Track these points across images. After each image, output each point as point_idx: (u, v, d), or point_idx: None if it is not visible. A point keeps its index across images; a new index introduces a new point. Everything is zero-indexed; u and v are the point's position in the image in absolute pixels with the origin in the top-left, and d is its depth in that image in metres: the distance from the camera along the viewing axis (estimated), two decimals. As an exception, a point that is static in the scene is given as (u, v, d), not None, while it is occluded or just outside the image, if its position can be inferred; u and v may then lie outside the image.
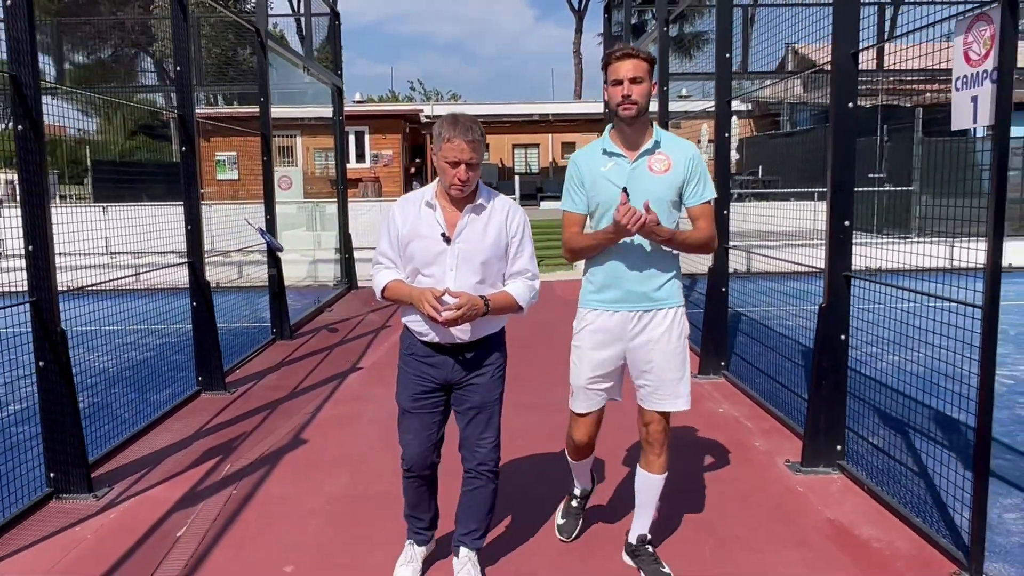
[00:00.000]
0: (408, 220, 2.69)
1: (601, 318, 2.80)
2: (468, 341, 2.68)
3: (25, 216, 3.58)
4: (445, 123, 2.57)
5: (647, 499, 2.90)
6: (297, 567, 3.03)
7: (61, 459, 3.70)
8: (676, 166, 2.72)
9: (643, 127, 2.73)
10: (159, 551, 3.19)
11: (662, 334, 2.77)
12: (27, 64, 3.48)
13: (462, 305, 2.53)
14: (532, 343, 6.74)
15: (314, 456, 4.29)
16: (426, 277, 2.66)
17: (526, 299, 2.74)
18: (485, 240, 2.66)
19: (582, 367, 2.86)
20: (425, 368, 2.73)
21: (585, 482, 3.23)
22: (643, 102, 2.66)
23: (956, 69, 2.83)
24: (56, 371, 3.66)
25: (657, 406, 2.80)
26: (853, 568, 2.92)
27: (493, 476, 2.81)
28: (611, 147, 2.76)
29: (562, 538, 3.17)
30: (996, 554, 3.00)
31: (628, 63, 2.64)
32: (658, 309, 2.77)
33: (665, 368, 2.77)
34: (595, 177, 2.76)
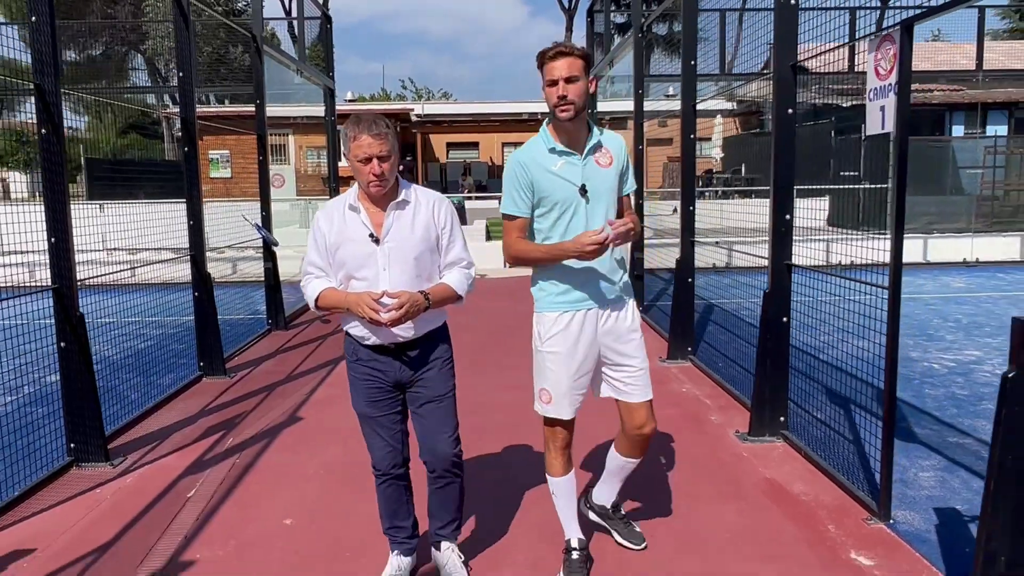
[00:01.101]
0: (334, 227, 2.65)
1: (575, 319, 2.74)
2: (412, 339, 2.67)
3: (48, 211, 3.97)
4: (349, 124, 2.58)
5: (621, 476, 3.04)
6: (296, 520, 3.44)
7: (80, 431, 4.10)
8: (616, 159, 2.79)
9: (582, 123, 2.72)
10: (172, 509, 3.59)
11: (629, 325, 2.81)
12: (50, 75, 3.87)
13: (403, 303, 2.51)
14: (520, 331, 7.19)
15: (309, 431, 4.70)
16: (359, 281, 2.63)
17: (464, 287, 2.73)
18: (414, 235, 2.64)
19: (561, 372, 2.76)
20: (373, 371, 2.71)
21: (574, 525, 2.94)
22: (580, 101, 2.62)
23: (868, 82, 3.25)
24: (76, 351, 4.05)
25: (639, 397, 2.81)
26: (780, 516, 3.36)
27: (458, 471, 2.80)
28: (557, 145, 2.71)
29: None
30: (906, 504, 3.44)
31: (562, 62, 2.59)
32: (622, 302, 2.82)
33: (638, 358, 2.81)
34: (546, 176, 2.69)
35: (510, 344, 6.86)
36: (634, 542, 3.08)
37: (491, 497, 3.61)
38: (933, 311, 8.27)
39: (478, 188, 24.22)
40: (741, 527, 3.27)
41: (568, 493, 2.90)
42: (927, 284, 10.66)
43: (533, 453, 4.12)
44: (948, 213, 15.88)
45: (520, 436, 4.42)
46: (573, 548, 2.90)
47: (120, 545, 3.23)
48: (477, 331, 7.34)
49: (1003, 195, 16.94)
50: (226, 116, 17.87)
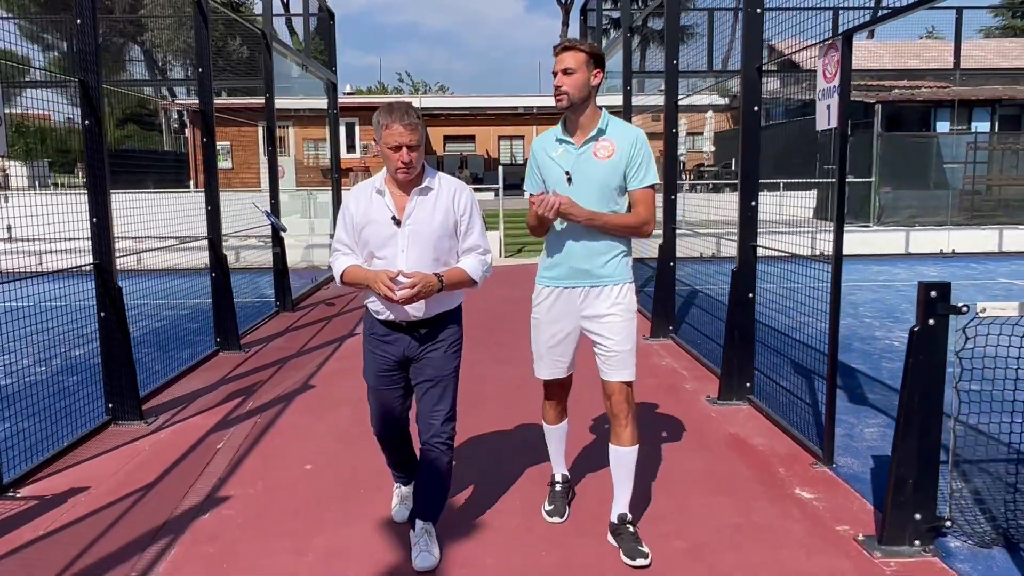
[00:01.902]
0: (360, 208, 2.81)
1: (553, 294, 2.96)
2: (423, 318, 2.82)
3: (90, 194, 4.41)
4: (382, 112, 2.72)
5: (622, 474, 2.98)
6: (315, 466, 3.91)
7: (117, 392, 4.56)
8: (620, 151, 2.83)
9: (591, 114, 2.85)
10: (204, 458, 4.06)
11: (608, 308, 2.89)
12: (93, 71, 4.32)
13: (416, 283, 2.64)
14: (515, 313, 7.68)
15: (321, 397, 5.17)
16: (380, 259, 2.79)
17: (479, 273, 2.86)
18: (434, 220, 2.78)
19: (540, 337, 3.04)
20: (383, 346, 2.88)
21: (560, 463, 3.31)
22: (574, 92, 2.78)
23: (818, 84, 3.72)
24: (114, 320, 4.51)
25: (612, 376, 2.91)
26: (739, 462, 3.85)
27: (447, 448, 2.89)
28: (561, 135, 2.91)
29: (554, 520, 3.20)
30: (850, 453, 3.93)
31: (564, 55, 2.79)
32: (603, 286, 2.90)
33: (613, 340, 2.89)
34: (545, 160, 2.94)
35: (506, 325, 7.35)
36: (633, 558, 2.85)
37: (476, 470, 4.09)
38: (903, 296, 8.77)
39: (474, 180, 24.63)
40: (705, 471, 3.75)
41: (556, 438, 3.27)
42: (903, 273, 11.17)
43: (520, 416, 4.60)
44: (931, 207, 16.36)
45: (509, 402, 4.91)
46: (556, 481, 3.31)
47: (162, 485, 3.70)
48: (478, 313, 7.82)
49: (985, 190, 17.44)
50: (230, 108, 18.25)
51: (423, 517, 2.95)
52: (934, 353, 2.78)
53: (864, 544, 2.96)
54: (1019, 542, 2.93)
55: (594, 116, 2.87)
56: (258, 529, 3.22)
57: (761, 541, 3.03)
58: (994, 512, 3.13)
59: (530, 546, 3.03)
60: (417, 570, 2.84)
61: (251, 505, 3.47)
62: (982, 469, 3.61)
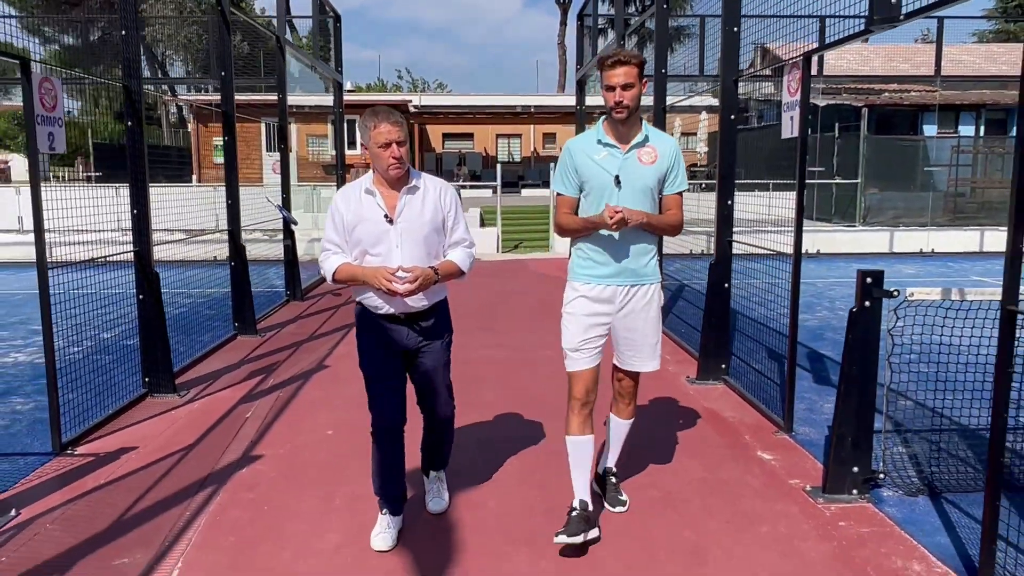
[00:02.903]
0: (351, 208, 2.92)
1: (595, 290, 3.05)
2: (421, 309, 2.98)
3: (131, 187, 4.89)
4: (367, 116, 2.85)
5: (615, 438, 3.37)
6: (335, 431, 4.41)
7: (153, 367, 5.04)
8: (662, 158, 3.01)
9: (634, 122, 3.00)
10: (235, 424, 4.55)
11: (644, 305, 3.07)
12: (135, 77, 4.79)
13: (417, 276, 2.80)
14: (509, 304, 8.18)
15: (335, 375, 5.66)
16: (373, 256, 2.90)
17: (467, 265, 3.06)
18: (423, 217, 2.93)
19: (574, 331, 3.06)
20: (383, 339, 3.00)
21: (583, 488, 3.07)
22: (633, 104, 2.92)
23: (784, 97, 4.22)
24: (151, 302, 5.00)
25: (634, 367, 3.17)
26: (710, 431, 4.35)
27: (450, 423, 3.28)
28: (605, 138, 3.01)
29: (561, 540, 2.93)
30: (809, 423, 4.44)
31: (620, 71, 2.88)
32: (642, 284, 3.07)
33: (646, 335, 3.11)
34: (588, 164, 3.01)
35: (497, 313, 7.87)
36: (614, 506, 3.34)
37: (475, 438, 4.59)
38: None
39: (472, 178, 25.11)
40: (679, 438, 4.26)
41: (581, 454, 3.06)
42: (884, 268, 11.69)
43: (508, 395, 5.10)
44: (915, 208, 16.89)
45: (497, 382, 5.41)
46: (575, 508, 3.03)
47: (202, 446, 4.19)
48: (471, 303, 8.32)
49: (969, 192, 17.97)
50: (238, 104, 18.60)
51: (435, 467, 3.40)
52: (869, 330, 3.29)
53: (810, 493, 3.47)
54: (940, 491, 3.44)
55: (637, 123, 3.02)
56: (290, 480, 3.72)
57: (724, 492, 3.54)
58: (920, 466, 3.65)
59: (526, 492, 3.54)
60: (431, 513, 3.32)
61: (282, 462, 3.96)
62: (910, 429, 4.16)
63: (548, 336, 6.74)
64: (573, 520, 2.99)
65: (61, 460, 3.98)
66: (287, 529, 3.22)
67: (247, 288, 6.90)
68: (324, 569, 2.90)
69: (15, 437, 4.36)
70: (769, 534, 3.13)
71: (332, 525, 3.25)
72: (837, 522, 3.21)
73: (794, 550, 2.99)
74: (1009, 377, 2.48)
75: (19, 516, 3.32)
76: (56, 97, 4.01)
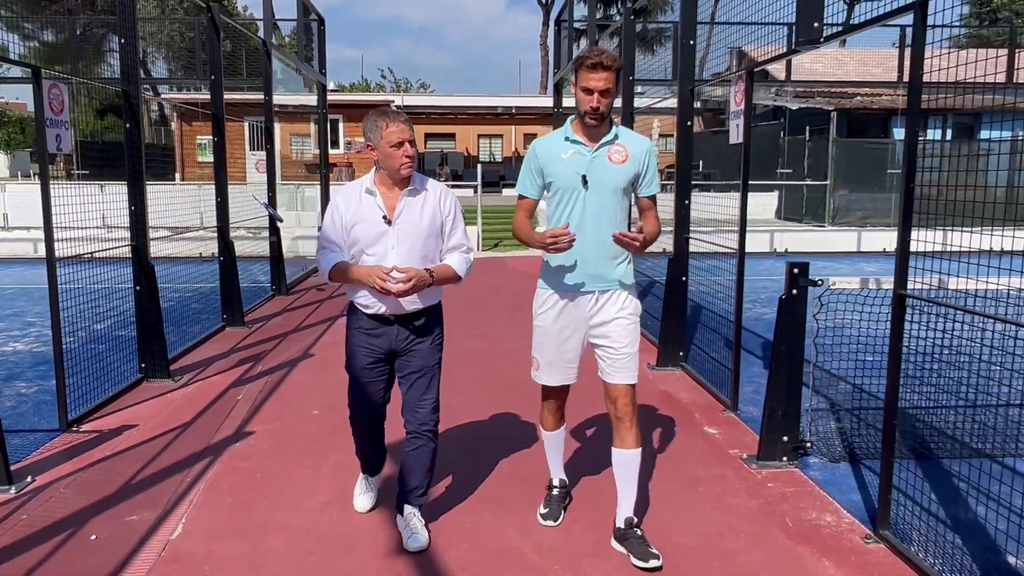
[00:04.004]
0: (351, 207, 2.93)
1: (561, 301, 2.97)
2: (414, 311, 2.98)
3: (129, 186, 5.23)
4: (377, 117, 2.86)
5: (625, 476, 2.98)
6: (321, 411, 4.78)
7: (149, 353, 5.38)
8: (633, 158, 2.91)
9: (605, 122, 2.90)
10: (228, 405, 4.91)
11: (618, 311, 2.95)
12: (134, 83, 5.13)
13: (411, 277, 2.80)
14: (488, 299, 8.59)
15: (320, 363, 6.02)
16: (370, 256, 2.92)
17: (463, 269, 3.04)
18: (422, 220, 2.94)
19: (546, 344, 3.03)
20: (370, 340, 3.01)
21: (559, 469, 3.34)
22: (607, 112, 2.84)
23: (729, 107, 4.65)
24: (148, 293, 5.34)
25: (617, 379, 2.95)
26: (664, 410, 4.78)
27: (433, 436, 3.07)
28: (573, 136, 2.92)
29: (547, 523, 3.20)
30: (753, 404, 4.86)
31: (601, 75, 2.77)
32: (613, 290, 2.95)
33: (622, 343, 2.94)
34: (554, 162, 2.92)
35: (479, 307, 8.28)
36: (645, 560, 2.85)
37: (454, 410, 4.99)
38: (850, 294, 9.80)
39: (454, 177, 25.46)
40: (636, 416, 4.68)
41: (554, 444, 3.31)
42: (844, 268, 12.21)
43: (484, 377, 5.50)
44: (883, 209, 17.48)
45: (476, 367, 5.81)
46: (554, 486, 3.32)
47: (198, 423, 4.55)
48: (452, 298, 8.70)
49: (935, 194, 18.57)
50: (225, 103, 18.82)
51: (411, 502, 3.10)
52: (796, 315, 3.73)
53: (746, 461, 3.90)
54: (860, 458, 3.89)
55: (607, 124, 2.92)
56: (281, 452, 4.10)
57: (670, 460, 3.96)
58: (844, 436, 4.10)
59: (496, 455, 3.93)
60: (410, 550, 2.99)
61: (273, 437, 4.33)
62: (834, 403, 4.63)
63: (521, 328, 7.14)
64: (554, 500, 3.29)
65: (68, 436, 4.32)
66: (279, 492, 3.60)
67: (235, 282, 7.24)
68: (314, 524, 3.28)
69: (23, 416, 4.70)
70: (706, 492, 3.55)
71: (320, 488, 3.63)
72: (766, 483, 3.65)
73: (725, 505, 3.42)
74: (900, 351, 2.92)
75: (35, 482, 3.68)
76: (63, 102, 4.35)
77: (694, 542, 3.10)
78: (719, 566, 2.91)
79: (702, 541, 3.11)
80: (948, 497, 3.41)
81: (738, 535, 3.15)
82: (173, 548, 3.06)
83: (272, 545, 3.09)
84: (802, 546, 3.05)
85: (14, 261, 13.31)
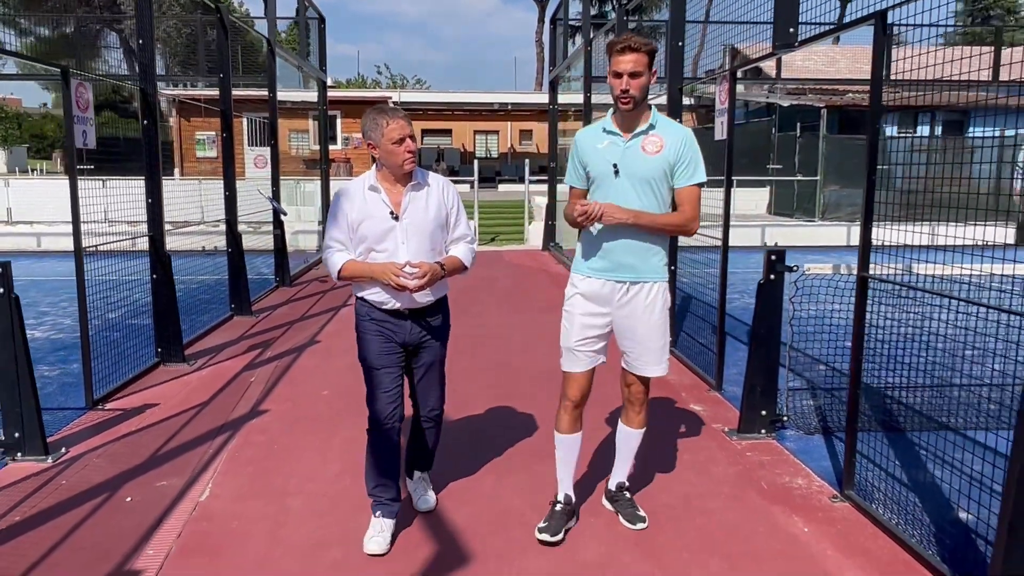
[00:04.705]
0: (355, 205, 2.93)
1: (592, 285, 2.94)
2: (427, 304, 3.00)
3: (147, 180, 5.51)
4: (377, 114, 2.86)
5: (627, 450, 3.20)
6: (330, 392, 5.08)
7: (165, 339, 5.67)
8: (668, 147, 2.83)
9: (641, 111, 2.86)
10: (242, 387, 5.20)
11: (646, 306, 2.91)
12: (150, 81, 5.40)
13: (426, 272, 2.84)
14: (487, 288, 8.90)
15: (326, 349, 6.32)
16: (379, 253, 2.92)
17: (469, 260, 3.11)
18: (428, 214, 2.95)
19: (572, 330, 2.98)
20: (387, 332, 3.00)
21: (568, 482, 3.15)
22: (640, 95, 2.79)
23: (716, 105, 4.95)
24: (164, 281, 5.62)
25: (639, 371, 3.01)
26: (655, 390, 4.99)
27: (439, 420, 3.27)
28: (610, 127, 2.91)
29: (543, 537, 3.01)
30: (736, 384, 5.14)
31: (629, 57, 2.73)
32: (644, 282, 2.91)
33: (648, 338, 2.95)
34: (591, 153, 2.93)
35: (474, 298, 8.56)
36: (633, 523, 3.13)
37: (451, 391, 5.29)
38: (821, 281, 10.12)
39: (451, 173, 25.73)
40: (627, 396, 4.98)
41: (568, 452, 3.11)
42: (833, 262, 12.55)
43: (480, 361, 5.80)
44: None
45: (472, 352, 6.11)
46: (559, 501, 3.12)
47: (215, 403, 4.84)
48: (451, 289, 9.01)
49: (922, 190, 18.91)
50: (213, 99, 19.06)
51: (420, 467, 3.38)
52: (774, 298, 4.03)
53: (727, 434, 4.21)
54: (833, 431, 4.21)
55: (645, 111, 2.89)
56: (294, 428, 4.39)
57: (657, 435, 4.25)
58: (818, 411, 4.42)
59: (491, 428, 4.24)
60: (419, 511, 3.28)
61: (286, 415, 4.63)
62: (809, 380, 4.97)
63: (514, 317, 7.46)
64: (556, 516, 3.07)
65: (94, 413, 4.61)
66: (295, 462, 3.90)
67: (243, 272, 7.52)
68: (329, 489, 3.58)
69: (50, 396, 4.98)
70: (689, 461, 3.86)
71: (332, 458, 3.93)
72: (745, 453, 3.96)
73: (707, 471, 3.74)
74: (863, 328, 3.23)
75: (68, 453, 3.97)
76: (88, 100, 4.63)
77: (676, 502, 3.41)
78: (699, 523, 3.22)
79: (683, 501, 3.42)
80: (908, 463, 3.73)
81: (717, 496, 3.46)
82: (203, 508, 3.36)
83: (292, 505, 3.39)
84: (775, 505, 3.36)
85: (19, 255, 13.53)
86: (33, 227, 15.17)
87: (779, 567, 2.87)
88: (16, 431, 3.86)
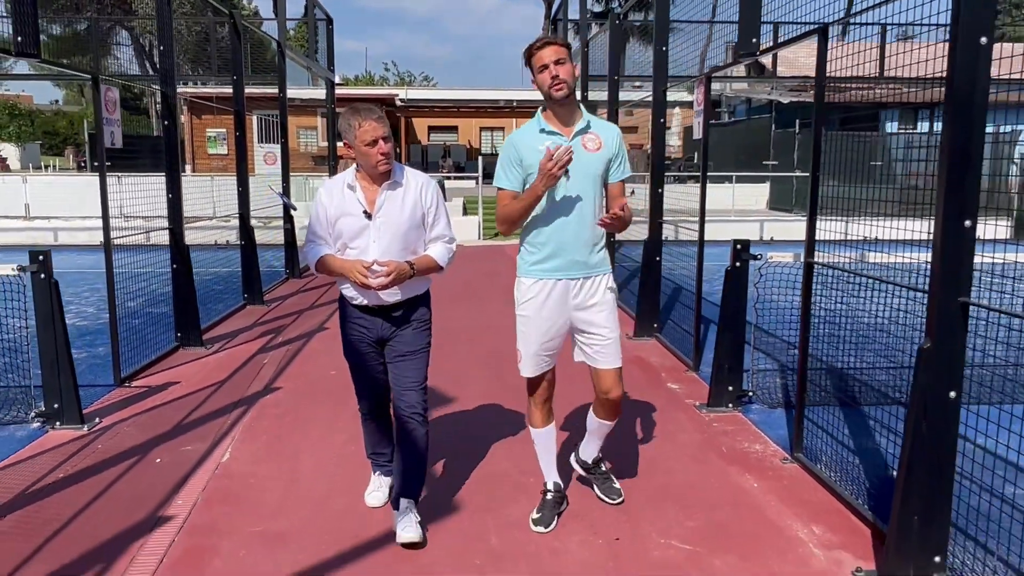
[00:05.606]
0: (334, 202, 2.97)
1: (545, 287, 2.97)
2: (394, 303, 3.00)
3: (167, 176, 5.94)
4: (350, 115, 2.86)
5: (599, 435, 3.32)
6: (338, 371, 5.49)
7: (184, 324, 6.11)
8: (606, 145, 2.95)
9: (573, 108, 2.93)
10: (256, 367, 5.64)
11: (601, 298, 3.00)
12: (171, 85, 5.84)
13: (391, 271, 2.84)
14: (487, 280, 9.31)
15: (333, 334, 6.69)
16: (352, 249, 2.97)
17: (445, 260, 3.07)
18: (403, 213, 2.96)
19: (531, 335, 3.02)
20: (360, 328, 3.07)
21: (552, 471, 3.26)
22: (570, 80, 2.84)
23: (695, 106, 5.34)
24: (184, 271, 6.06)
25: (607, 364, 3.04)
26: (637, 372, 5.49)
27: (423, 419, 3.06)
28: (547, 127, 2.93)
29: (538, 529, 3.12)
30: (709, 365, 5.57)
31: (549, 49, 2.84)
32: (595, 275, 3.00)
33: (607, 328, 3.02)
34: (532, 154, 2.89)
35: (474, 290, 9.01)
36: (610, 496, 3.33)
37: (450, 374, 5.71)
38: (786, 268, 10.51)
39: (456, 169, 26.15)
40: (611, 376, 5.39)
41: (546, 443, 3.24)
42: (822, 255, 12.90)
43: (476, 349, 6.21)
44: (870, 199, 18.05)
45: (468, 341, 6.53)
46: (548, 490, 3.23)
47: (231, 381, 5.28)
48: (454, 282, 9.43)
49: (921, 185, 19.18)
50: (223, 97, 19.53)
51: (406, 495, 3.08)
52: (739, 284, 4.43)
53: (698, 407, 4.62)
54: (793, 405, 4.59)
55: (577, 110, 2.96)
56: (306, 402, 4.82)
57: (635, 409, 4.67)
58: (784, 388, 4.82)
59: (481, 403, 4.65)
60: (402, 543, 2.98)
61: (298, 391, 5.06)
62: (772, 357, 5.38)
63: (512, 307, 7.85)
64: (548, 505, 3.19)
65: (121, 390, 5.06)
66: (306, 431, 4.33)
67: (255, 264, 7.96)
68: (337, 453, 4.00)
69: (80, 375, 5.36)
70: (660, 430, 4.28)
71: (340, 428, 4.35)
72: (711, 424, 4.37)
73: (675, 439, 4.15)
74: (809, 308, 3.62)
75: (101, 423, 4.41)
76: (115, 103, 5.06)
77: (643, 465, 3.82)
78: (661, 480, 3.63)
79: (649, 463, 3.83)
80: (852, 431, 4.12)
81: (680, 459, 3.88)
82: (224, 468, 3.79)
83: (303, 466, 3.82)
84: (732, 466, 3.77)
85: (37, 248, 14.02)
86: (50, 222, 15.69)
87: (727, 512, 3.28)
88: (56, 403, 4.32)
